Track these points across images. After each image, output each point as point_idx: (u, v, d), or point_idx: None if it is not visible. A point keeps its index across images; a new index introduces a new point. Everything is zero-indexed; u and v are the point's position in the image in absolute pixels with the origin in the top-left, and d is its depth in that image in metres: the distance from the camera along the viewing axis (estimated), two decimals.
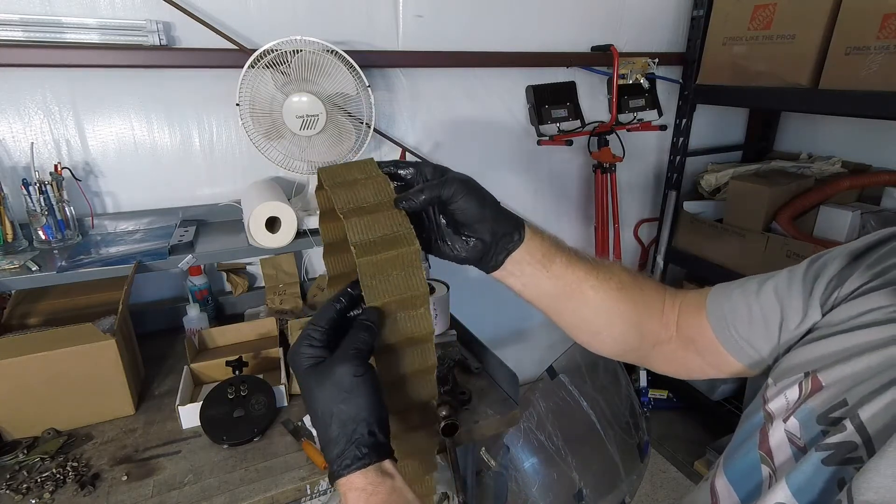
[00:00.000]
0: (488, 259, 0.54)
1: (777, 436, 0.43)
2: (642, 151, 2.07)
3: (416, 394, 0.53)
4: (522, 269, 0.55)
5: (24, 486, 0.88)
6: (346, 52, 1.25)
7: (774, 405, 0.45)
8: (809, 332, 0.48)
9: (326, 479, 0.92)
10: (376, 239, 0.48)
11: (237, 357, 1.12)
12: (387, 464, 0.44)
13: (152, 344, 1.32)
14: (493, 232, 0.52)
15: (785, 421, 0.43)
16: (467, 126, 1.71)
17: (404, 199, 0.50)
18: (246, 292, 1.52)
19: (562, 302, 0.57)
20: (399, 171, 0.54)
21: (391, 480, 0.43)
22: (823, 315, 0.47)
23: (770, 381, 0.47)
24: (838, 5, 1.43)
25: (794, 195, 1.76)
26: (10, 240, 1.16)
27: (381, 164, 0.54)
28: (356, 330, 0.46)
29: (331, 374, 0.44)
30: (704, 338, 0.56)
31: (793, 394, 0.43)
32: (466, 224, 0.52)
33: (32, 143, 1.21)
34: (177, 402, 1.03)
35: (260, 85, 1.24)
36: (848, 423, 0.37)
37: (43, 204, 1.15)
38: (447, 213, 0.53)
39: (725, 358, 0.55)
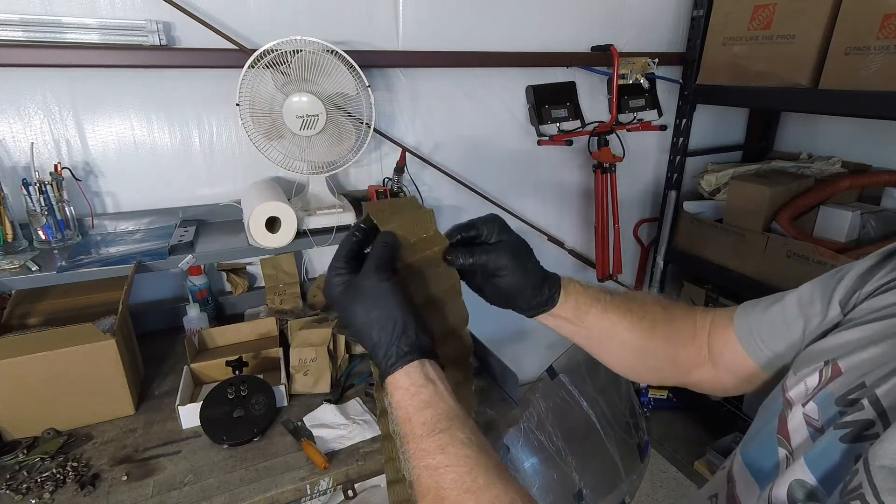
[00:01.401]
0: (524, 311, 0.59)
1: (795, 419, 0.44)
2: (642, 151, 2.07)
3: (446, 316, 0.57)
4: (557, 321, 0.59)
5: (24, 486, 0.88)
6: (346, 52, 1.25)
7: (794, 392, 0.45)
8: (829, 329, 0.49)
9: (326, 479, 0.92)
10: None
11: (237, 357, 1.12)
12: (430, 367, 0.47)
13: (152, 344, 1.32)
14: (528, 300, 0.57)
15: (804, 405, 0.43)
16: (467, 126, 1.71)
17: (452, 254, 0.55)
18: (246, 292, 1.52)
19: (595, 344, 0.62)
20: (458, 235, 0.57)
21: (433, 385, 0.45)
22: (844, 314, 0.48)
23: (790, 371, 0.48)
24: (838, 5, 1.43)
25: (794, 195, 1.76)
26: (10, 240, 1.16)
27: (448, 233, 0.57)
28: (373, 248, 0.51)
29: (360, 287, 0.48)
30: (733, 352, 0.57)
31: (812, 381, 0.44)
32: (507, 291, 0.56)
33: (32, 143, 1.21)
34: (177, 402, 1.03)
35: (260, 85, 1.24)
36: (865, 402, 0.38)
37: (43, 204, 1.15)
38: (489, 277, 0.57)
39: (753, 369, 0.56)
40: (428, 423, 0.43)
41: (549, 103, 1.73)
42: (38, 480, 0.89)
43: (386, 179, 1.53)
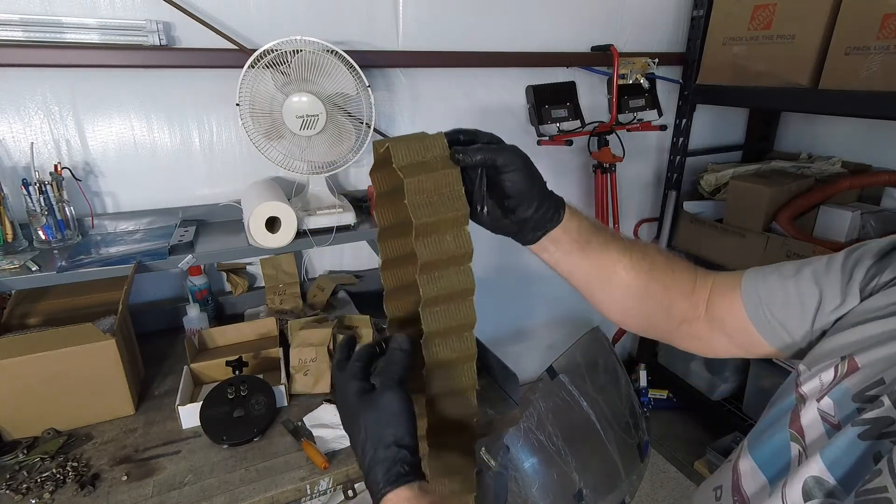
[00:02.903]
0: (525, 233, 0.55)
1: (809, 415, 0.43)
2: (642, 151, 2.07)
3: (455, 410, 0.55)
4: (558, 247, 0.56)
5: (24, 486, 0.88)
6: (346, 52, 1.25)
7: (807, 387, 0.45)
8: (843, 317, 0.48)
9: (326, 479, 0.92)
10: (433, 200, 0.50)
11: (237, 357, 1.12)
12: (424, 483, 0.48)
13: (152, 344, 1.32)
14: (535, 209, 0.53)
15: (818, 401, 0.43)
16: (467, 126, 1.71)
17: (462, 151, 0.51)
18: (246, 292, 1.52)
19: (594, 280, 0.59)
20: (459, 136, 0.54)
21: (430, 496, 0.46)
22: (862, 300, 0.47)
23: (803, 367, 0.47)
24: (838, 5, 1.43)
25: (794, 195, 1.76)
26: (10, 240, 1.15)
27: (449, 134, 0.54)
28: (391, 356, 0.51)
29: (378, 402, 0.48)
30: (736, 319, 0.56)
31: (827, 376, 0.44)
32: (512, 196, 0.53)
33: (32, 143, 1.21)
34: (177, 402, 1.03)
35: (260, 85, 1.24)
36: (886, 399, 0.37)
37: (43, 204, 1.15)
38: (495, 182, 0.53)
39: (756, 339, 0.55)
40: None
41: (549, 103, 1.73)
42: (38, 480, 0.89)
43: None
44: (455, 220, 0.51)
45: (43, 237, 1.17)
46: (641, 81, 1.78)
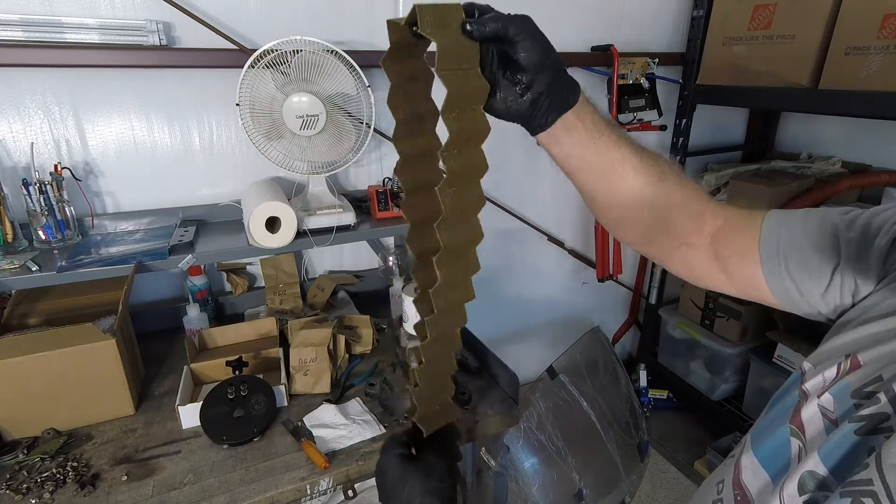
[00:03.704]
0: (540, 115, 0.51)
1: (810, 410, 0.43)
2: None
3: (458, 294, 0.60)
4: (570, 136, 0.53)
5: (24, 486, 0.88)
6: (346, 52, 1.25)
7: (811, 384, 0.45)
8: (854, 306, 0.48)
9: (326, 479, 0.92)
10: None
11: (237, 357, 1.12)
12: None
13: (152, 344, 1.32)
14: (549, 84, 0.50)
15: (819, 396, 0.43)
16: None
17: (475, 22, 0.47)
18: (246, 292, 1.52)
19: (599, 178, 0.56)
20: (473, 9, 0.50)
21: None
22: (877, 282, 0.46)
23: (808, 365, 0.48)
24: (838, 5, 1.43)
25: (794, 195, 1.76)
26: (10, 240, 1.16)
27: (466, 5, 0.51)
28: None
29: (424, 466, 0.59)
30: (745, 264, 0.54)
31: (830, 373, 0.44)
32: (526, 69, 0.49)
33: (32, 143, 1.21)
34: (177, 402, 1.03)
35: (260, 85, 1.24)
36: (882, 396, 0.38)
37: (43, 204, 1.15)
38: (507, 58, 0.50)
39: (761, 288, 0.53)
40: None
41: None
42: (38, 480, 0.89)
43: (386, 179, 1.53)
44: (478, 95, 0.50)
45: (43, 237, 1.17)
46: (641, 81, 1.78)
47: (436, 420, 0.69)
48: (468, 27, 0.47)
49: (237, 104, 1.22)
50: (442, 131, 0.54)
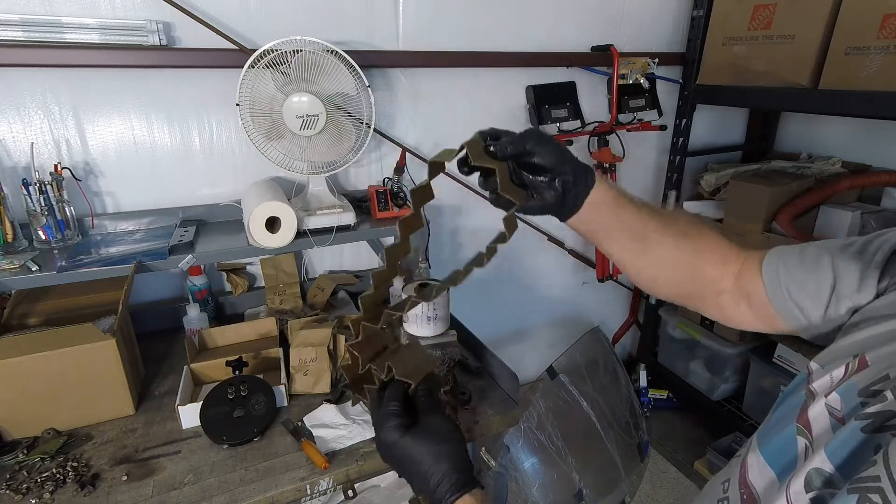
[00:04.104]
0: (569, 202, 0.58)
1: (816, 409, 0.44)
2: (642, 151, 2.07)
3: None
4: (598, 212, 0.59)
5: (24, 486, 0.88)
6: (346, 52, 1.25)
7: (818, 384, 0.46)
8: (857, 311, 0.50)
9: (326, 479, 0.92)
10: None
11: (237, 357, 1.12)
12: (481, 491, 0.54)
13: (152, 344, 1.32)
14: (573, 172, 0.56)
15: (826, 396, 0.44)
16: (467, 126, 1.71)
17: (495, 146, 0.55)
18: (246, 292, 1.52)
19: (627, 246, 0.62)
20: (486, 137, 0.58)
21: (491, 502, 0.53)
22: (877, 295, 0.48)
23: (816, 366, 0.48)
24: (838, 5, 1.43)
25: (794, 195, 1.76)
26: (10, 240, 1.16)
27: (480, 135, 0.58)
28: (423, 393, 0.62)
29: (431, 425, 0.57)
30: (758, 294, 0.58)
31: (838, 373, 0.45)
32: (551, 170, 0.56)
33: (32, 143, 1.21)
34: (177, 402, 1.03)
35: (260, 85, 1.24)
36: (889, 394, 0.38)
37: (43, 204, 1.15)
38: (529, 165, 0.57)
39: (775, 317, 0.57)
40: None
41: (549, 103, 1.73)
42: (38, 480, 0.89)
43: (386, 179, 1.53)
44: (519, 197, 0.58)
45: (43, 237, 1.17)
46: (641, 81, 1.78)
47: (417, 372, 0.66)
48: (492, 150, 0.56)
49: (237, 104, 1.22)
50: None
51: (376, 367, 0.64)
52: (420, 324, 1.17)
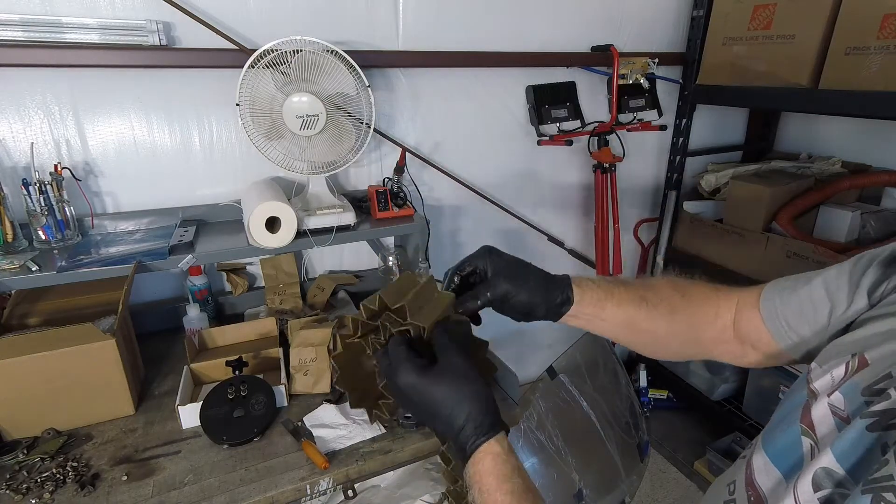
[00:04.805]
0: (551, 318, 0.62)
1: (820, 409, 0.44)
2: (642, 151, 2.07)
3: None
4: (580, 316, 0.62)
5: (24, 486, 0.88)
6: (346, 52, 1.25)
7: (819, 384, 0.46)
8: (854, 321, 0.50)
9: (326, 479, 0.92)
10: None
11: (237, 357, 1.12)
12: (505, 437, 0.50)
13: (152, 344, 1.32)
14: (546, 309, 0.60)
15: (829, 396, 0.44)
16: (467, 126, 1.71)
17: (462, 305, 0.59)
18: (246, 292, 1.52)
19: (621, 335, 0.65)
20: (455, 279, 0.61)
21: (513, 456, 0.49)
22: (871, 305, 0.49)
23: (815, 365, 0.48)
24: (838, 5, 1.43)
25: (794, 195, 1.76)
26: (10, 240, 1.16)
27: (447, 280, 0.61)
28: (440, 335, 0.55)
29: (451, 366, 0.51)
30: (759, 332, 0.59)
31: (839, 372, 0.45)
32: (525, 311, 0.60)
33: (32, 143, 1.21)
34: (177, 402, 1.03)
35: (260, 85, 1.24)
36: (892, 392, 0.38)
37: (43, 204, 1.15)
38: (506, 306, 0.60)
39: (778, 350, 0.58)
40: (516, 491, 0.46)
41: (549, 103, 1.73)
42: (38, 480, 0.89)
43: (386, 179, 1.53)
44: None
45: (43, 237, 1.17)
46: (641, 81, 1.78)
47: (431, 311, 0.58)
48: (460, 310, 0.59)
49: (237, 104, 1.22)
50: None
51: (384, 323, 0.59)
52: None
